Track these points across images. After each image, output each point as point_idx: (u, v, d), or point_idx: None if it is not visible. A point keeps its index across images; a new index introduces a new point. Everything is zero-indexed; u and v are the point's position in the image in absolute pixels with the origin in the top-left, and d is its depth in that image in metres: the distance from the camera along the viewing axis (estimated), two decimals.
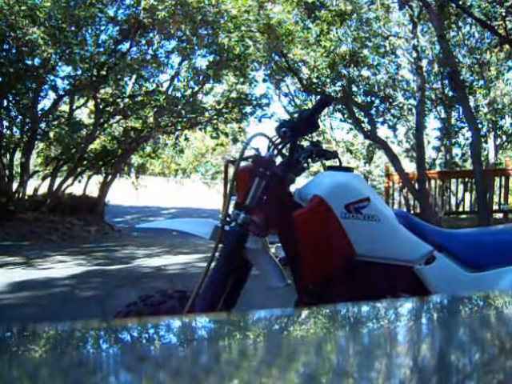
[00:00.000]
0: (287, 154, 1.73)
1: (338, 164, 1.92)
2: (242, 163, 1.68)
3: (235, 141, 18.34)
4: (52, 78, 11.78)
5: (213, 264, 1.64)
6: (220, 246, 1.64)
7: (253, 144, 1.73)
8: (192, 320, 0.73)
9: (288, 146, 1.70)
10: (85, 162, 13.12)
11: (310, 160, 1.86)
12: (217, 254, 1.63)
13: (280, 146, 1.67)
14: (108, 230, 12.72)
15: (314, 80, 12.14)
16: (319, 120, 1.78)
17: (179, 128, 13.75)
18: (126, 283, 5.20)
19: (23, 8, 9.44)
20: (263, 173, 1.61)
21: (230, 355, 0.52)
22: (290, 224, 1.61)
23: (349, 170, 1.79)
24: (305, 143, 1.89)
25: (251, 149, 1.70)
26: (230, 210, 1.67)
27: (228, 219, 1.63)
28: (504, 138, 14.92)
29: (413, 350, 0.53)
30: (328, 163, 1.93)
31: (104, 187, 13.70)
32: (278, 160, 1.72)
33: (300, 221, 1.61)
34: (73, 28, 10.52)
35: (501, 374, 0.45)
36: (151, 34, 12.07)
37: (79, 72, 11.44)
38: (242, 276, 1.73)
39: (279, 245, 1.70)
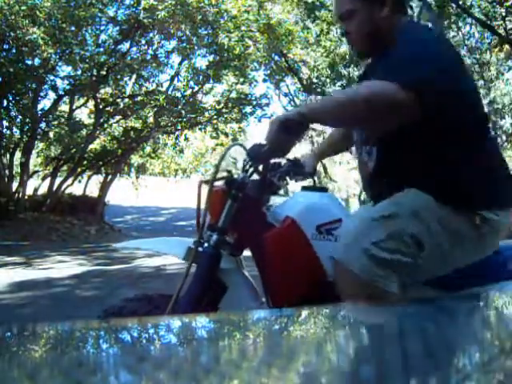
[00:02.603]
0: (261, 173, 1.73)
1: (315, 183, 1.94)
2: (216, 183, 1.68)
3: (235, 141, 18.33)
4: (52, 77, 11.80)
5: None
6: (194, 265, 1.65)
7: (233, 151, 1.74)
8: (192, 320, 0.73)
9: (261, 166, 1.69)
10: (85, 162, 13.13)
11: (287, 178, 1.86)
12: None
13: (251, 170, 1.65)
14: (108, 229, 12.73)
15: (314, 80, 12.15)
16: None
17: (179, 128, 13.75)
18: (126, 283, 5.20)
19: (23, 8, 9.45)
20: (235, 195, 1.62)
21: (229, 355, 0.52)
22: (262, 244, 1.63)
23: (323, 190, 1.79)
24: (283, 160, 1.87)
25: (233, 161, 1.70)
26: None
27: (201, 240, 1.63)
28: (504, 137, 14.92)
29: (412, 350, 0.53)
30: (304, 183, 1.93)
31: (104, 187, 13.71)
32: (254, 177, 1.72)
33: (270, 242, 1.62)
34: (73, 28, 10.53)
35: (501, 374, 0.45)
36: (151, 34, 12.07)
37: (79, 72, 11.44)
38: (222, 284, 1.75)
39: None
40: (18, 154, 12.06)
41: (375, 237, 1.40)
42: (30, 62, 10.86)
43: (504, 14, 8.51)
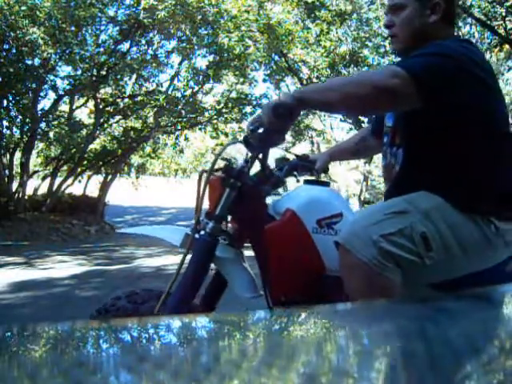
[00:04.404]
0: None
1: (317, 177, 1.95)
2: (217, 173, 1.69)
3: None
4: (52, 77, 11.80)
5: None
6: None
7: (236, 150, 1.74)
8: (192, 320, 0.73)
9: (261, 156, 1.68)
10: (85, 162, 13.13)
11: (295, 173, 1.86)
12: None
13: (250, 159, 1.65)
14: (108, 230, 12.74)
15: (314, 80, 12.15)
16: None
17: (179, 128, 13.75)
18: (126, 283, 5.20)
19: (23, 8, 9.45)
20: (233, 184, 1.61)
21: (229, 355, 0.52)
22: (262, 236, 1.63)
23: (325, 184, 1.79)
24: (292, 155, 1.88)
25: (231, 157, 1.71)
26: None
27: (198, 228, 1.64)
28: None
29: (412, 350, 0.53)
30: (306, 177, 1.92)
31: (104, 187, 13.71)
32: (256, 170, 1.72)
33: (270, 234, 1.63)
34: (73, 28, 10.53)
35: (501, 374, 0.45)
36: (151, 34, 12.07)
37: (79, 72, 11.45)
38: (222, 280, 1.74)
39: None
40: (18, 154, 12.07)
41: (385, 229, 1.39)
42: (30, 62, 10.86)
43: (504, 14, 8.51)
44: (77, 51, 10.59)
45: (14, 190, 11.75)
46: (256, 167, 1.72)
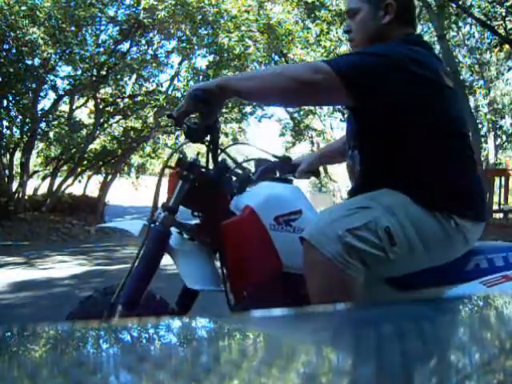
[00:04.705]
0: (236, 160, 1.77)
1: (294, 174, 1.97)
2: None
3: (235, 141, 18.35)
4: (52, 77, 11.81)
5: None
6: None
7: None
8: (192, 320, 0.73)
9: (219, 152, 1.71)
10: (85, 162, 13.13)
11: (277, 173, 1.88)
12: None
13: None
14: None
15: None
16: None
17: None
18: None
19: (23, 8, 9.45)
20: (185, 176, 1.64)
21: (229, 355, 0.52)
22: (218, 231, 1.64)
23: (288, 181, 1.80)
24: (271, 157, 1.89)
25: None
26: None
27: (153, 219, 1.67)
28: (504, 137, 14.93)
29: (412, 350, 0.53)
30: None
31: (104, 187, 13.71)
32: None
33: (227, 229, 1.63)
34: (73, 28, 10.54)
35: (501, 374, 0.45)
36: (151, 34, 12.08)
37: (79, 72, 11.45)
38: (188, 299, 1.77)
39: None
40: (18, 154, 12.07)
41: (350, 224, 1.40)
42: (30, 62, 10.86)
43: (504, 14, 8.51)
44: (77, 51, 10.60)
45: (14, 190, 11.75)
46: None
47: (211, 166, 1.71)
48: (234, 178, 1.76)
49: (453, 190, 1.49)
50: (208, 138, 1.64)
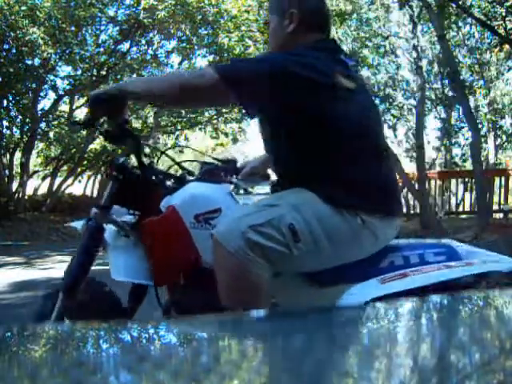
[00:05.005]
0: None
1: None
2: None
3: (235, 141, 18.34)
4: (52, 77, 11.80)
5: None
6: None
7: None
8: (192, 320, 0.73)
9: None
10: (85, 162, 13.13)
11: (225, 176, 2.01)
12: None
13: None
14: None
15: None
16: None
17: (179, 128, 13.75)
18: (126, 283, 5.19)
19: (23, 8, 9.45)
20: (114, 176, 1.77)
21: (229, 355, 0.52)
22: (143, 229, 1.76)
23: (217, 182, 1.89)
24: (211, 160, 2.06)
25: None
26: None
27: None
28: (504, 137, 14.92)
29: (412, 350, 0.53)
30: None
31: (104, 187, 13.69)
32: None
33: (148, 228, 1.72)
34: (73, 28, 10.53)
35: (501, 374, 0.45)
36: (151, 34, 12.08)
37: (79, 72, 11.44)
38: (141, 289, 1.88)
39: None
40: (18, 154, 12.06)
41: (254, 221, 1.45)
42: (30, 62, 10.86)
43: (504, 14, 8.51)
44: (77, 51, 10.59)
45: (14, 189, 11.75)
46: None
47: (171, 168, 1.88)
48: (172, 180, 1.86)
49: (358, 187, 1.53)
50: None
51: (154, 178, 1.82)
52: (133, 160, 1.83)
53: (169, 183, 1.84)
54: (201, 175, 1.92)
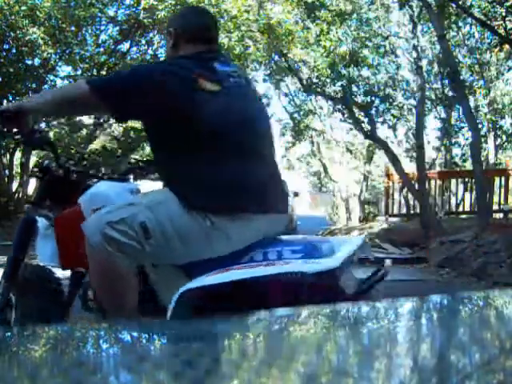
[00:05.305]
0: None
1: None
2: None
3: None
4: (52, 77, 11.78)
5: None
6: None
7: None
8: (192, 320, 0.73)
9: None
10: (84, 162, 13.09)
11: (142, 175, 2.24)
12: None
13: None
14: None
15: (314, 80, 12.14)
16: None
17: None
18: None
19: (23, 8, 9.44)
20: (39, 177, 2.10)
21: (230, 355, 0.52)
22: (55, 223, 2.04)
23: (124, 180, 2.13)
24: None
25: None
26: None
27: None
28: (504, 137, 14.91)
29: (412, 350, 0.53)
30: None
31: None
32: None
33: (59, 221, 2.01)
34: (73, 28, 10.52)
35: (501, 374, 0.45)
36: (151, 34, 12.06)
37: (79, 72, 11.43)
38: (75, 285, 2.13)
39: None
40: (18, 154, 12.06)
41: (111, 218, 1.60)
42: (30, 62, 10.85)
43: (504, 14, 8.50)
44: (77, 51, 10.59)
45: (14, 189, 11.74)
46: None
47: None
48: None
49: (207, 188, 1.65)
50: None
51: (74, 177, 2.10)
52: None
53: (88, 182, 2.11)
54: (122, 174, 2.19)
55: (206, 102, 1.64)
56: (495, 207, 10.02)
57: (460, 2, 8.84)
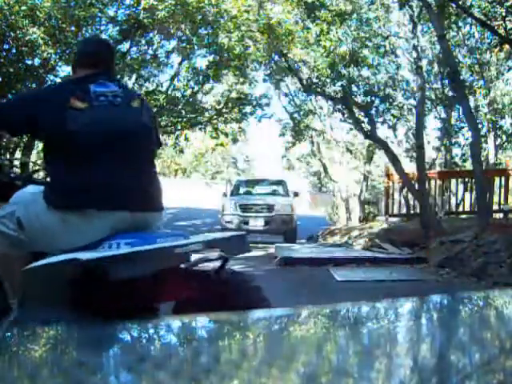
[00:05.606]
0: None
1: None
2: None
3: (235, 141, 18.34)
4: (52, 77, 11.77)
5: None
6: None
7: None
8: (192, 320, 0.73)
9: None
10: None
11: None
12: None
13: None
14: None
15: (314, 80, 12.14)
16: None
17: (179, 128, 13.74)
18: None
19: (23, 8, 9.44)
20: None
21: (230, 355, 0.52)
22: None
23: (38, 183, 2.29)
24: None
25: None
26: None
27: None
28: (504, 137, 14.92)
29: (412, 350, 0.53)
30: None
31: None
32: None
33: None
34: (73, 28, 10.52)
35: (501, 374, 0.45)
36: (151, 34, 12.06)
37: None
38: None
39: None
40: (18, 154, 12.07)
41: (1, 213, 2.04)
42: (30, 62, 10.85)
43: (504, 14, 8.50)
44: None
45: None
46: None
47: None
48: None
49: (63, 190, 1.97)
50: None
51: (10, 180, 2.32)
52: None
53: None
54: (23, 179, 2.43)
55: (75, 117, 1.98)
56: (495, 207, 10.02)
57: (460, 2, 8.84)
